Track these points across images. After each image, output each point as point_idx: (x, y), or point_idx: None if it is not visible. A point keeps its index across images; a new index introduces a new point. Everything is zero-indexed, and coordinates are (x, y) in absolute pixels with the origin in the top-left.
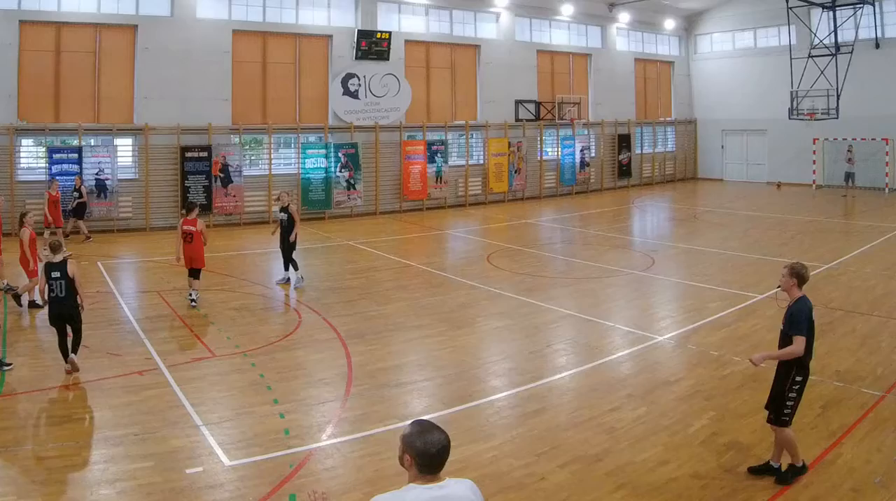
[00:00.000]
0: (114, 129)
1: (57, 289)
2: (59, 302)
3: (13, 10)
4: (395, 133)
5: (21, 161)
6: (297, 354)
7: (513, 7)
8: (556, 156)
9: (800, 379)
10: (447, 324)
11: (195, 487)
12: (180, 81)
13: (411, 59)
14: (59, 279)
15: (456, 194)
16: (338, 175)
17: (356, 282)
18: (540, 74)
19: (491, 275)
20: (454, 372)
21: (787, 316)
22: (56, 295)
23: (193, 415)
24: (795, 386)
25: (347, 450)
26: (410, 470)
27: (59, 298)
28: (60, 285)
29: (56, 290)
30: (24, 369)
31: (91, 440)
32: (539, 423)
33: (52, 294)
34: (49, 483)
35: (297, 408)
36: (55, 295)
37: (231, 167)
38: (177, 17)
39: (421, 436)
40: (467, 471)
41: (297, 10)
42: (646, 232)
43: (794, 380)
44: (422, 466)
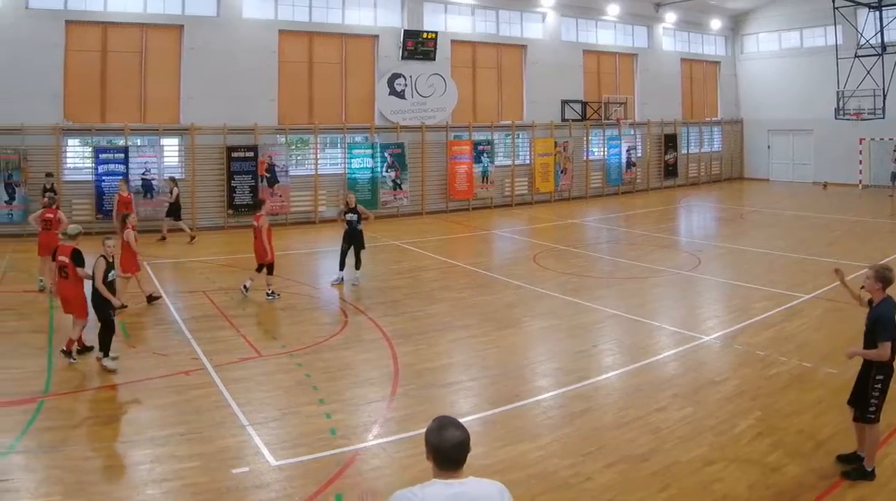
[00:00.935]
0: (160, 129)
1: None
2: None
3: (59, 11)
4: (441, 133)
5: (67, 161)
6: (343, 354)
7: (559, 7)
8: (602, 156)
9: (881, 378)
10: (493, 324)
11: (241, 487)
12: (226, 81)
13: (457, 59)
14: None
15: (502, 194)
16: (384, 175)
17: (402, 282)
18: (586, 74)
19: (537, 275)
20: (500, 371)
21: (872, 320)
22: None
23: (240, 415)
24: (877, 384)
25: (393, 450)
26: (432, 466)
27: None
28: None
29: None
30: (70, 369)
31: (137, 440)
32: (585, 423)
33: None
34: (95, 484)
35: (344, 408)
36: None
37: (277, 167)
38: (223, 17)
39: (438, 432)
40: (514, 471)
41: (344, 10)
42: (692, 232)
43: (876, 379)
44: (439, 461)
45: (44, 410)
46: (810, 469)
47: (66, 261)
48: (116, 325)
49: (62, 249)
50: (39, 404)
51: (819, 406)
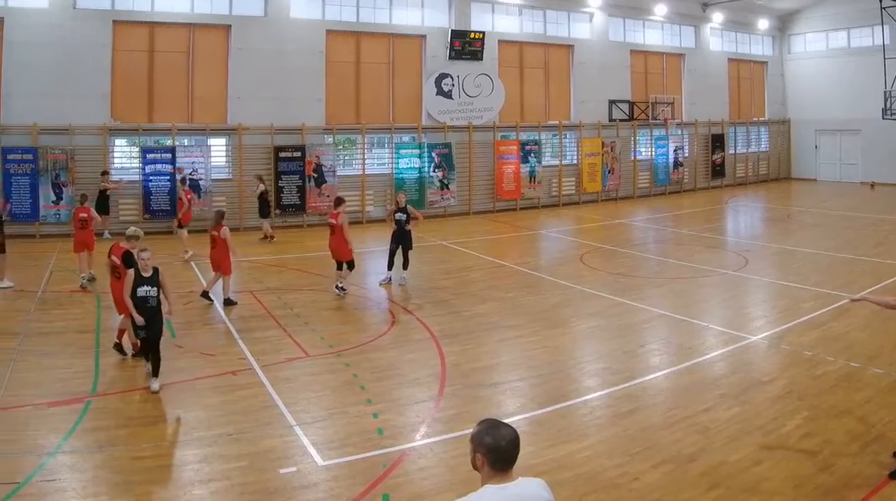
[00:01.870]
0: (207, 129)
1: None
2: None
3: (107, 11)
4: (488, 133)
5: (115, 161)
6: (390, 354)
7: (606, 7)
8: (649, 156)
9: None
10: (541, 324)
11: (289, 487)
12: (274, 81)
13: (505, 59)
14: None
15: (549, 194)
16: (431, 175)
17: (450, 282)
18: (633, 74)
19: (584, 275)
20: (548, 371)
21: None
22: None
23: (287, 415)
24: None
25: (441, 450)
26: (483, 470)
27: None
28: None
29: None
30: (117, 369)
31: (184, 440)
32: (632, 423)
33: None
34: (142, 484)
35: (391, 408)
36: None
37: (324, 167)
38: (270, 17)
39: (489, 432)
40: (561, 471)
41: (391, 10)
42: (739, 232)
43: None
44: (493, 462)
45: (91, 410)
46: (857, 469)
47: (118, 263)
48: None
49: (116, 249)
50: (87, 404)
51: (866, 406)
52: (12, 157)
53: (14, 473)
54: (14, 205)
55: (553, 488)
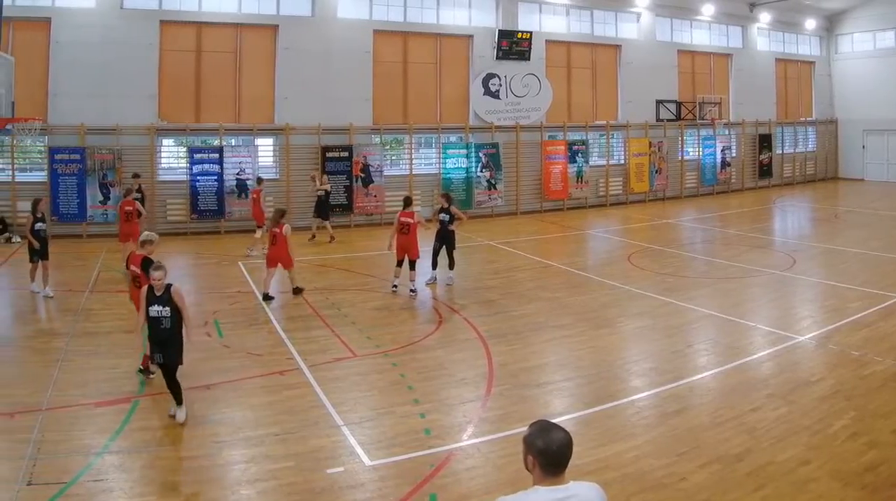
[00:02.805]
0: (254, 129)
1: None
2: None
3: (154, 11)
4: (535, 133)
5: (162, 161)
6: (438, 354)
7: (654, 7)
8: (696, 156)
9: None
10: (588, 324)
11: (336, 487)
12: (321, 81)
13: (552, 59)
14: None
15: (597, 194)
16: (479, 175)
17: (497, 282)
18: (681, 74)
19: (632, 275)
20: (595, 371)
21: None
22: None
23: (334, 415)
24: None
25: (488, 450)
26: (534, 472)
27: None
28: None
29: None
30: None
31: (232, 440)
32: (680, 423)
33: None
34: (190, 484)
35: (438, 408)
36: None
37: (372, 167)
38: (318, 17)
39: (542, 435)
40: (608, 471)
41: (438, 10)
42: (786, 232)
43: None
44: (545, 465)
45: (138, 410)
46: None
47: (138, 272)
48: (212, 325)
49: (134, 258)
50: (134, 404)
51: None
52: (60, 157)
53: (61, 473)
54: (61, 204)
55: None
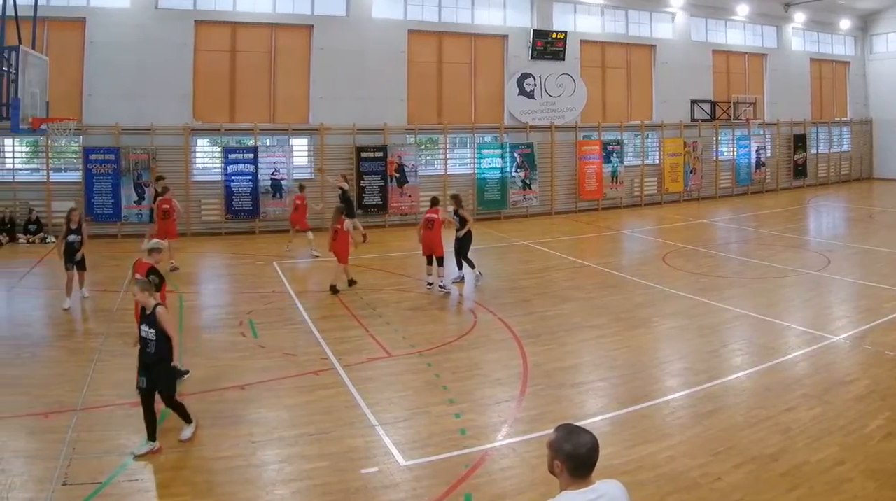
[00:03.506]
0: (289, 129)
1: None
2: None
3: (188, 10)
4: (570, 133)
5: (196, 161)
6: (472, 354)
7: (688, 7)
8: (731, 156)
9: None
10: (623, 324)
11: (370, 487)
12: (355, 81)
13: (587, 59)
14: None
15: (631, 194)
16: (513, 175)
17: (531, 282)
18: (715, 74)
19: (666, 275)
20: (630, 371)
21: None
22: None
23: (369, 415)
24: None
25: (523, 450)
26: (562, 477)
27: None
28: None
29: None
30: (200, 369)
31: (266, 440)
32: (715, 423)
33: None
34: (224, 484)
35: (473, 408)
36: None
37: (406, 167)
38: (352, 17)
39: (569, 439)
40: (643, 471)
41: (473, 10)
42: (821, 232)
43: None
44: (573, 469)
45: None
46: None
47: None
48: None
49: (140, 266)
50: None
51: None
52: (94, 157)
53: (96, 473)
54: (96, 205)
55: (635, 488)
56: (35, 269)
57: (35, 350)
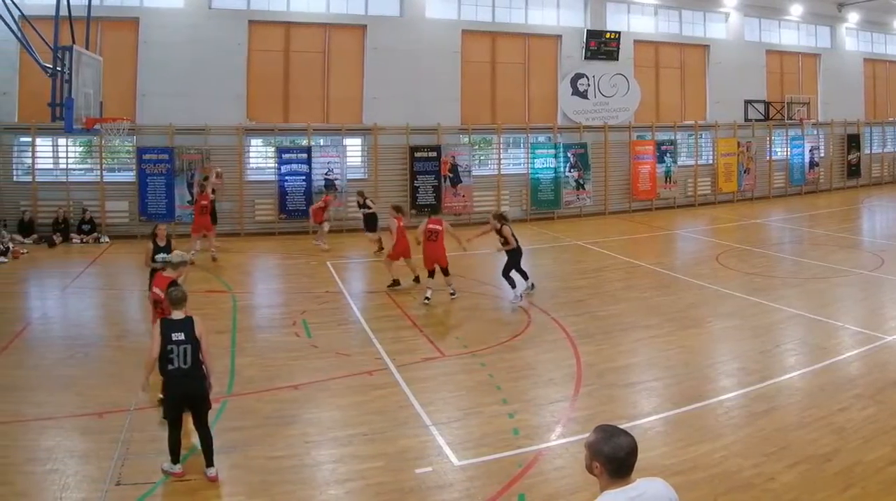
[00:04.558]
0: (343, 129)
1: (179, 358)
2: (182, 376)
3: (242, 11)
4: (623, 133)
5: (250, 161)
6: (526, 354)
7: (742, 7)
8: (785, 156)
9: None
10: (676, 324)
11: (424, 487)
12: (409, 81)
13: (640, 59)
14: (184, 343)
15: (685, 194)
16: (567, 175)
17: (585, 282)
18: (769, 74)
19: (720, 275)
20: (683, 371)
21: None
22: (178, 367)
23: (423, 415)
24: None
25: (576, 450)
26: (601, 478)
27: (183, 371)
28: (184, 352)
29: (178, 360)
30: (253, 369)
31: (320, 440)
32: (768, 423)
33: (172, 366)
34: (278, 484)
35: (526, 408)
36: (175, 366)
37: (460, 167)
38: (406, 17)
39: (608, 441)
40: (696, 471)
41: (527, 10)
42: (875, 232)
43: None
44: (612, 471)
45: (227, 410)
46: None
47: (161, 297)
48: (300, 325)
49: (160, 280)
50: (223, 404)
51: None
52: (148, 157)
53: (150, 473)
54: (150, 204)
55: (688, 488)
56: (89, 269)
57: (89, 350)
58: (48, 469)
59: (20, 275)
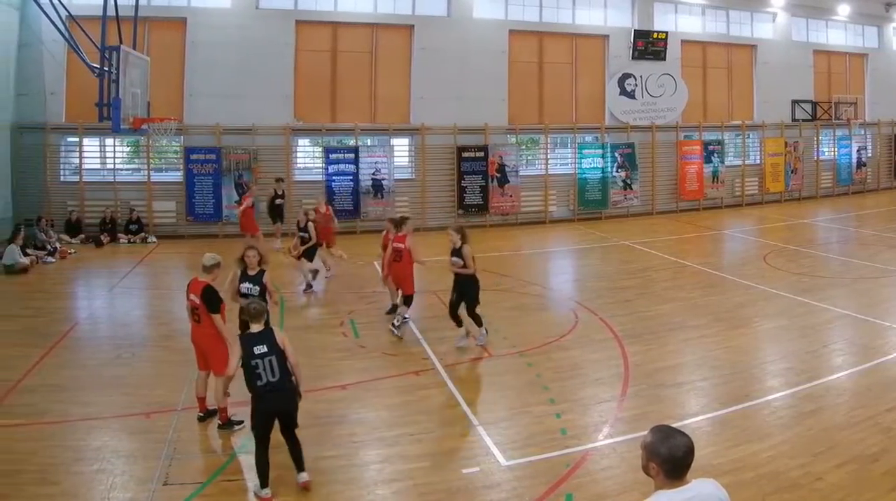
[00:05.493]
0: (390, 129)
1: (266, 372)
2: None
3: (290, 11)
4: (671, 133)
5: (297, 161)
6: (573, 354)
7: (789, 7)
8: (832, 156)
9: None
10: (723, 324)
11: (471, 487)
12: (456, 81)
13: (687, 59)
14: (268, 355)
15: (732, 194)
16: (614, 175)
17: (632, 282)
18: (816, 74)
19: (767, 275)
20: (730, 371)
21: None
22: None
23: (470, 415)
24: None
25: (624, 450)
26: (657, 478)
27: (272, 384)
28: (270, 364)
29: (265, 374)
30: (302, 369)
31: (367, 440)
32: (816, 423)
33: (261, 382)
34: (326, 484)
35: (574, 408)
36: (264, 382)
37: (507, 167)
38: (453, 17)
39: (665, 442)
40: (744, 471)
41: (574, 10)
42: None
43: None
44: (669, 472)
45: None
46: None
47: (197, 303)
48: (347, 325)
49: (195, 285)
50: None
51: None
52: (196, 157)
53: (196, 473)
54: (197, 204)
55: (736, 488)
56: (136, 269)
57: (136, 350)
58: (95, 469)
59: (67, 275)
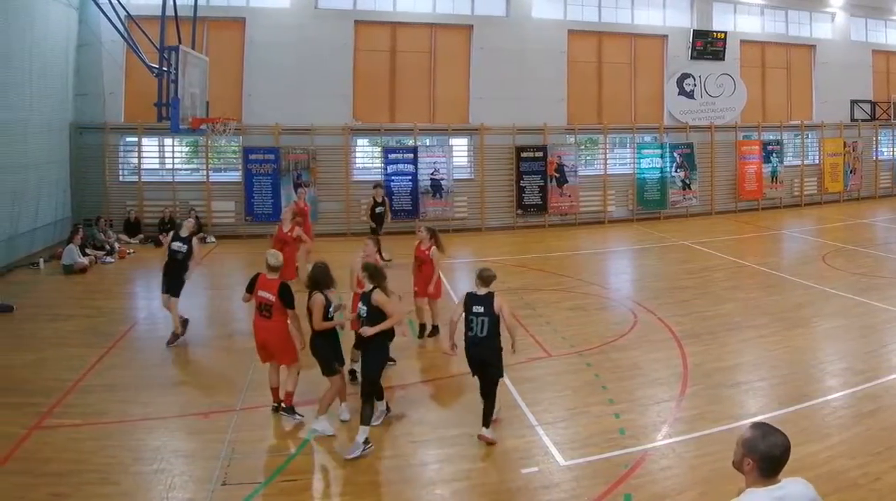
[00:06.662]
0: (449, 129)
1: (477, 327)
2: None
3: (349, 11)
4: (730, 133)
5: (356, 161)
6: (632, 354)
7: (848, 7)
8: (891, 156)
9: None
10: (782, 324)
11: (530, 487)
12: (515, 81)
13: (746, 59)
14: (482, 316)
15: (791, 194)
16: (673, 175)
17: (691, 282)
18: (875, 74)
19: (826, 275)
20: (789, 371)
21: None
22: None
23: (528, 415)
24: None
25: (682, 450)
26: (750, 475)
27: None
28: (482, 323)
29: (476, 329)
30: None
31: (426, 439)
32: (874, 423)
33: (471, 333)
34: (385, 484)
35: (633, 408)
36: (473, 333)
37: (566, 167)
38: (512, 17)
39: (764, 439)
40: (803, 471)
41: (633, 10)
42: None
43: None
44: (764, 469)
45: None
46: None
47: (272, 300)
48: (406, 325)
49: (267, 283)
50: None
51: None
52: (254, 157)
53: (255, 473)
54: (255, 204)
55: None
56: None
57: (195, 350)
58: (155, 469)
59: (126, 275)
